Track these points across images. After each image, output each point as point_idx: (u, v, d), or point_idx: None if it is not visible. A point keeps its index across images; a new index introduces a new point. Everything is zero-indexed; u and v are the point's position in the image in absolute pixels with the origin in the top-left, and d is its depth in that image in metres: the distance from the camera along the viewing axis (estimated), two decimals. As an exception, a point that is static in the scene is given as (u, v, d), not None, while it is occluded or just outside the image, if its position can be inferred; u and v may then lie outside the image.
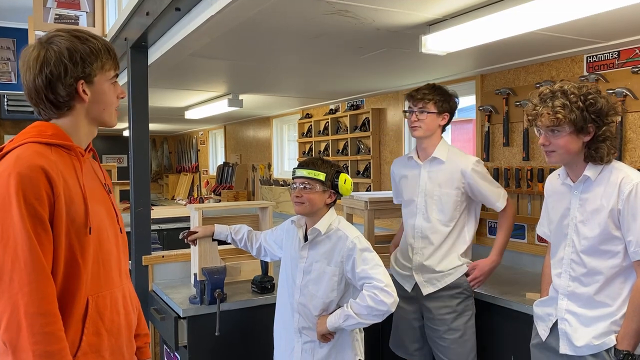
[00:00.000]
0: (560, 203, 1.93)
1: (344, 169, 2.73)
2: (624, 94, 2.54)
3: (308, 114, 5.45)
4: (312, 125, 5.27)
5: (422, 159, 2.54)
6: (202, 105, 5.09)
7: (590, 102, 1.76)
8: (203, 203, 6.79)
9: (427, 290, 2.45)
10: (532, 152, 3.02)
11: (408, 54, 2.75)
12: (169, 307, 2.58)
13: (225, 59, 3.06)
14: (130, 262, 2.86)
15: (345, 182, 2.07)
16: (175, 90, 4.33)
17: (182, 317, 2.43)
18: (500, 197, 2.49)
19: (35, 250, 1.24)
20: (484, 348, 2.61)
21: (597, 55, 2.70)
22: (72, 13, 3.37)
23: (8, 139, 1.39)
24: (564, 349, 1.86)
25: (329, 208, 2.11)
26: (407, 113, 2.54)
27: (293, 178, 2.11)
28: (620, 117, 2.52)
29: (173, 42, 2.52)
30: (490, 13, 2.01)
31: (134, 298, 1.57)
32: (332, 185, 2.07)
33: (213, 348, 2.45)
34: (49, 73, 1.34)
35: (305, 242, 2.10)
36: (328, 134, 4.98)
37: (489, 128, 3.29)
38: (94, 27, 3.38)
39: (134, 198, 2.86)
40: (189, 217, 2.80)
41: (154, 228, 4.45)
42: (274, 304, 2.25)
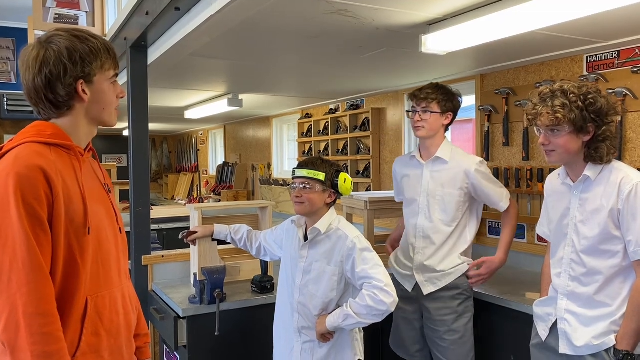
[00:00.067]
0: (560, 203, 1.93)
1: (344, 169, 2.73)
2: (624, 94, 2.54)
3: (308, 114, 5.44)
4: (311, 125, 5.27)
5: (424, 159, 2.52)
6: (201, 105, 5.09)
7: (590, 101, 1.76)
8: (203, 203, 6.79)
9: (427, 290, 2.45)
10: (532, 151, 3.02)
11: (408, 54, 2.75)
12: (169, 306, 2.58)
13: (225, 59, 3.06)
14: (130, 262, 2.86)
15: (345, 181, 2.07)
16: (175, 90, 4.33)
17: (181, 317, 2.43)
18: (504, 197, 2.48)
19: (34, 251, 1.24)
20: (484, 348, 2.61)
21: (597, 55, 2.70)
22: (71, 13, 3.37)
23: (8, 139, 1.39)
24: (564, 349, 1.86)
25: (329, 208, 2.10)
26: (410, 113, 2.52)
27: (293, 178, 2.11)
28: (620, 116, 2.52)
29: (173, 41, 2.52)
30: (490, 13, 2.01)
31: (134, 298, 1.57)
32: (332, 185, 2.07)
33: (213, 348, 2.45)
34: (49, 73, 1.34)
35: (305, 241, 2.10)
36: (328, 134, 4.98)
37: (489, 128, 3.29)
38: (94, 26, 3.38)
39: (134, 198, 2.86)
40: (189, 217, 2.80)
41: (154, 228, 4.45)
42: (274, 304, 2.25)
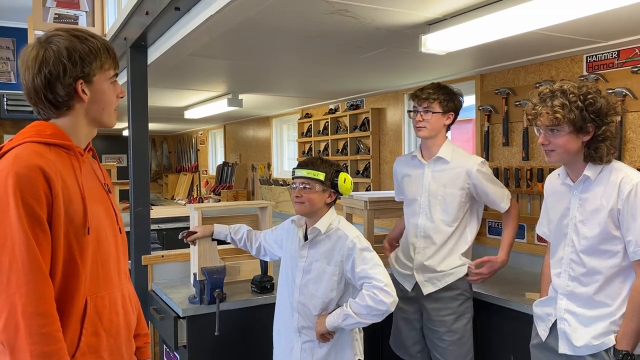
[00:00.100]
0: (560, 203, 1.93)
1: (344, 168, 2.73)
2: (624, 94, 2.54)
3: (308, 114, 5.44)
4: (311, 125, 5.27)
5: (426, 158, 2.51)
6: (201, 105, 5.09)
7: (590, 101, 1.76)
8: (202, 203, 6.79)
9: (427, 290, 2.44)
10: (531, 151, 3.02)
11: (408, 54, 2.75)
12: (169, 306, 2.58)
13: (225, 59, 3.06)
14: (130, 261, 2.86)
15: (345, 181, 2.07)
16: (175, 90, 4.33)
17: (181, 316, 2.43)
18: (505, 197, 2.47)
19: (33, 251, 1.24)
20: (484, 348, 2.61)
21: (596, 55, 2.69)
22: (71, 12, 3.37)
23: (7, 139, 1.39)
24: (563, 349, 1.86)
25: (329, 207, 2.10)
26: (411, 113, 2.51)
27: (293, 178, 2.11)
28: (620, 116, 2.52)
29: (172, 41, 2.52)
30: (490, 13, 2.01)
31: (134, 298, 1.57)
32: (331, 185, 2.06)
33: (212, 348, 2.45)
34: (48, 73, 1.33)
35: (305, 241, 2.10)
36: (328, 134, 4.98)
37: (489, 128, 3.29)
38: (94, 26, 3.38)
39: (134, 198, 2.86)
40: (189, 216, 2.80)
41: (154, 228, 4.44)
42: (274, 304, 2.25)
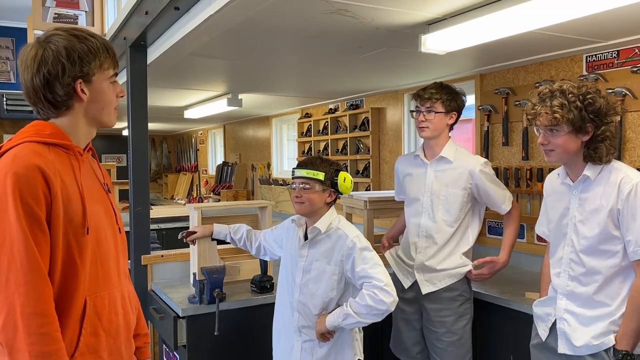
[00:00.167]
0: (560, 202, 1.93)
1: (344, 167, 2.73)
2: (623, 94, 2.54)
3: (307, 114, 5.44)
4: (311, 125, 5.27)
5: (429, 158, 2.50)
6: (201, 105, 5.09)
7: (589, 101, 1.76)
8: (202, 202, 6.79)
9: (426, 289, 2.44)
10: (531, 151, 3.02)
11: (407, 54, 2.75)
12: (168, 306, 2.58)
13: (225, 59, 3.05)
14: (129, 261, 2.86)
15: (345, 180, 2.07)
16: (175, 90, 4.33)
17: (181, 316, 2.43)
18: (506, 199, 2.45)
19: (32, 250, 1.23)
20: (484, 348, 2.61)
21: (596, 55, 2.69)
22: (71, 12, 3.36)
23: (7, 138, 1.39)
24: (563, 349, 1.86)
25: (329, 207, 2.10)
26: (414, 113, 2.51)
27: (292, 178, 2.11)
28: (620, 116, 2.52)
29: (172, 41, 2.52)
30: (490, 12, 2.01)
31: (134, 298, 1.57)
32: (331, 184, 2.06)
33: (212, 347, 2.45)
34: (47, 72, 1.33)
35: (305, 240, 2.10)
36: (327, 134, 4.98)
37: (489, 127, 3.29)
38: (93, 26, 3.38)
39: (133, 197, 2.86)
40: (188, 216, 2.80)
41: (153, 227, 4.44)
42: (274, 304, 2.24)
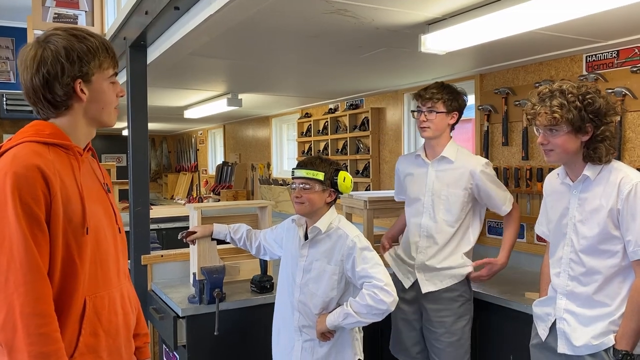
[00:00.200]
0: (559, 202, 1.93)
1: (343, 167, 2.73)
2: (623, 94, 2.54)
3: (307, 114, 5.44)
4: (311, 125, 5.27)
5: (430, 158, 2.50)
6: (201, 105, 5.09)
7: (589, 101, 1.76)
8: (202, 202, 6.79)
9: (426, 289, 2.44)
10: (531, 151, 3.02)
11: (407, 53, 2.74)
12: (168, 306, 2.58)
13: (225, 58, 3.05)
14: (129, 261, 2.85)
15: (345, 180, 2.07)
16: (174, 90, 4.33)
17: (181, 316, 2.43)
18: (507, 200, 2.45)
19: (31, 251, 1.23)
20: (484, 348, 2.61)
21: (596, 55, 2.69)
22: (71, 12, 3.36)
23: (7, 138, 1.39)
24: (562, 349, 1.86)
25: (330, 207, 2.10)
26: (415, 113, 2.51)
27: (292, 178, 2.11)
28: (620, 116, 2.52)
29: (172, 41, 2.52)
30: (490, 12, 2.00)
31: (134, 298, 1.57)
32: (331, 184, 2.06)
33: (212, 347, 2.45)
34: (46, 72, 1.33)
35: (306, 240, 2.10)
36: (327, 134, 4.98)
37: (488, 127, 3.29)
38: (93, 26, 3.38)
39: (133, 197, 2.85)
40: (188, 216, 2.80)
41: (153, 227, 4.44)
42: (273, 304, 2.24)
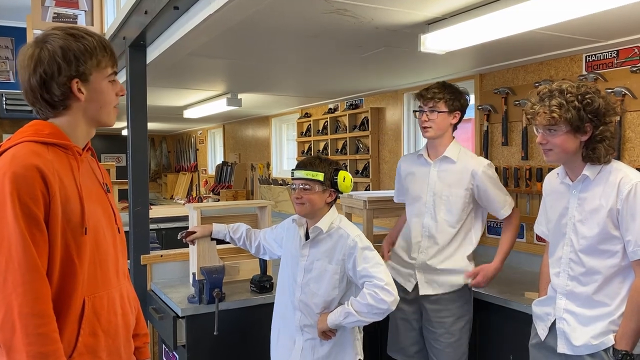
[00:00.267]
0: (559, 202, 1.93)
1: (343, 167, 2.73)
2: (623, 93, 2.54)
3: (307, 113, 5.44)
4: (311, 125, 5.27)
5: (432, 158, 2.50)
6: (200, 105, 5.08)
7: (588, 101, 1.75)
8: (202, 202, 6.78)
9: (424, 291, 2.44)
10: (530, 151, 3.02)
11: (407, 53, 2.74)
12: (168, 306, 2.57)
13: (224, 58, 3.05)
14: (129, 261, 2.85)
15: (345, 179, 2.07)
16: (174, 89, 4.33)
17: (180, 316, 2.43)
18: (507, 204, 2.43)
19: (30, 251, 1.23)
20: (483, 347, 2.61)
21: (595, 55, 2.69)
22: (70, 12, 3.36)
23: (6, 138, 1.38)
24: (562, 349, 1.86)
25: (330, 207, 2.10)
26: (417, 113, 2.50)
27: (292, 179, 2.10)
28: (619, 116, 2.52)
29: (171, 41, 2.51)
30: (489, 12, 2.00)
31: (133, 298, 1.56)
32: (331, 184, 2.06)
33: (212, 347, 2.45)
34: (43, 72, 1.33)
35: (307, 240, 2.10)
36: (327, 133, 4.98)
37: (488, 127, 3.29)
38: (93, 25, 3.38)
39: (133, 197, 2.85)
40: (188, 216, 2.80)
41: (153, 227, 4.44)
42: (273, 303, 2.24)
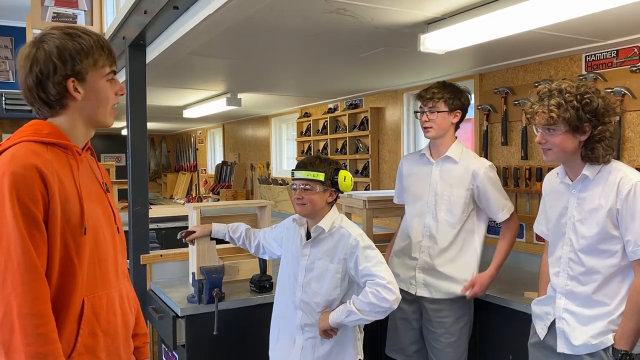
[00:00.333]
0: (558, 202, 1.93)
1: (343, 166, 2.72)
2: (623, 93, 2.54)
3: (307, 113, 5.44)
4: (310, 124, 5.27)
5: (434, 157, 2.50)
6: (200, 104, 5.08)
7: (587, 101, 1.75)
8: (201, 202, 6.78)
9: (421, 292, 2.44)
10: (530, 151, 3.02)
11: (406, 53, 2.74)
12: (167, 306, 2.57)
13: (224, 58, 3.05)
14: (128, 261, 2.85)
15: (345, 179, 2.07)
16: (174, 89, 4.32)
17: (180, 316, 2.43)
18: (506, 208, 2.42)
19: (29, 251, 1.23)
20: (483, 347, 2.61)
21: (595, 54, 2.69)
22: (70, 11, 3.36)
23: (6, 138, 1.38)
24: (562, 348, 1.87)
25: (331, 206, 2.11)
26: (417, 114, 2.51)
27: (292, 179, 2.10)
28: (619, 116, 2.52)
29: (171, 40, 2.51)
30: (489, 12, 2.00)
31: (133, 298, 1.56)
32: (332, 184, 2.06)
33: (211, 347, 2.45)
34: (39, 72, 1.33)
35: (308, 239, 2.10)
36: (327, 133, 4.98)
37: (488, 127, 3.29)
38: (92, 25, 3.38)
39: (132, 197, 2.85)
40: (187, 216, 2.80)
41: (152, 227, 4.43)
42: (272, 303, 2.24)
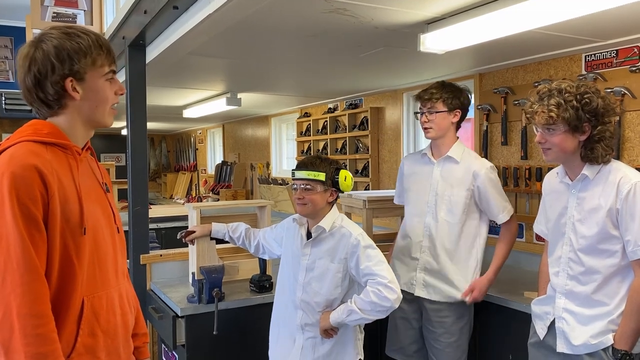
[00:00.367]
0: (558, 201, 1.93)
1: (343, 166, 2.73)
2: (622, 93, 2.54)
3: (306, 113, 5.44)
4: (310, 124, 5.27)
5: (435, 157, 2.49)
6: (200, 104, 5.08)
7: (586, 101, 1.75)
8: (201, 202, 6.78)
9: (419, 292, 2.44)
10: (530, 151, 3.02)
11: (406, 53, 2.74)
12: (167, 306, 2.57)
13: (224, 58, 3.05)
14: (128, 261, 2.85)
15: (346, 179, 2.07)
16: (174, 89, 4.32)
17: (180, 316, 2.43)
18: (505, 210, 2.42)
19: (28, 251, 1.23)
20: (483, 347, 2.61)
21: (595, 54, 2.69)
22: (69, 11, 3.36)
23: (5, 138, 1.38)
24: (561, 348, 1.87)
25: (331, 206, 2.11)
26: (417, 115, 2.50)
27: (293, 179, 2.11)
28: (618, 116, 2.52)
29: (171, 40, 2.51)
30: (489, 12, 2.00)
31: (132, 298, 1.56)
32: (332, 184, 2.07)
33: (211, 347, 2.45)
34: (37, 72, 1.34)
35: (309, 239, 2.10)
36: (327, 133, 4.98)
37: (487, 127, 3.29)
38: (92, 25, 3.38)
39: (132, 197, 2.85)
40: (187, 216, 2.80)
41: (152, 227, 4.43)
42: (272, 303, 2.24)
